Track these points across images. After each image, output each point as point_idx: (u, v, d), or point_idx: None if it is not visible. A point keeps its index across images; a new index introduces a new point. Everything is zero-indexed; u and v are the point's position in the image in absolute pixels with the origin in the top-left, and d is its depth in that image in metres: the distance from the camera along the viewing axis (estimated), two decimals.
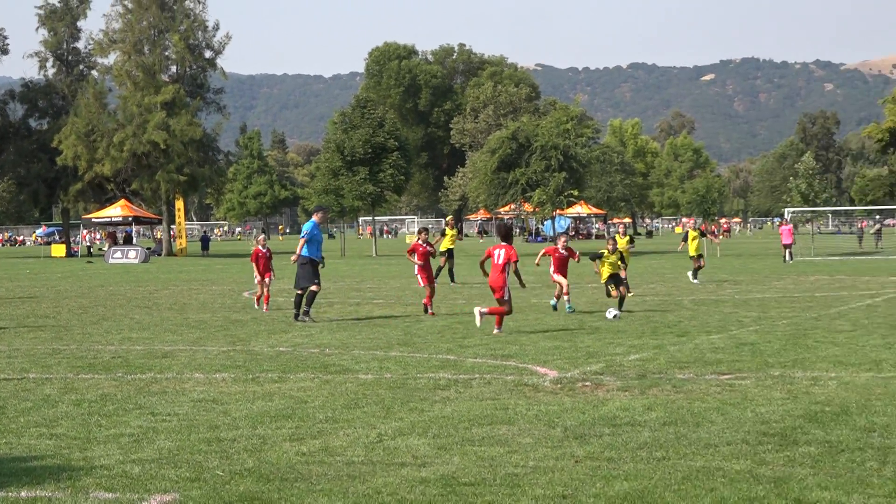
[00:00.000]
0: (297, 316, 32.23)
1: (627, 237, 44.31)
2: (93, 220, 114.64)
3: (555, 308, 33.40)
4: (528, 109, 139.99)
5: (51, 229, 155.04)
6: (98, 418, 16.31)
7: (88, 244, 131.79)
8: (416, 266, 35.06)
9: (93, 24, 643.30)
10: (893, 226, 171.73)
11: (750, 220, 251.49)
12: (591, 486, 11.70)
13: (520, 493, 11.49)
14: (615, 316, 30.61)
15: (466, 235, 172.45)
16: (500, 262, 27.75)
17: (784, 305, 35.56)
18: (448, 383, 19.30)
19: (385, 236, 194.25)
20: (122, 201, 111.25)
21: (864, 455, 13.05)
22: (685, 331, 27.77)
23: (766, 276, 54.28)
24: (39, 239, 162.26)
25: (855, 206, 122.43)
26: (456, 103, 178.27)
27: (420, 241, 35.34)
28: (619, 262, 34.49)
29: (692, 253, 49.99)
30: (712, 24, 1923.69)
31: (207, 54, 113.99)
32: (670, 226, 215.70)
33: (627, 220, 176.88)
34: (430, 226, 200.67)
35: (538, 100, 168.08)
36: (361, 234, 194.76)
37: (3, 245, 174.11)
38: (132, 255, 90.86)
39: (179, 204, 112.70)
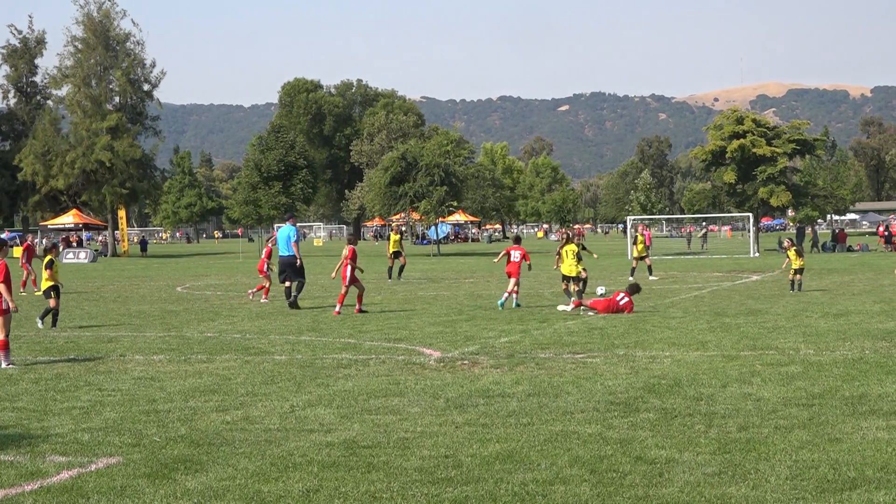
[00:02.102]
0: (294, 303, 32.43)
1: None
2: (49, 226, 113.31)
3: (501, 306, 30.76)
4: (415, 134, 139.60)
5: (13, 234, 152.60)
6: (53, 394, 16.10)
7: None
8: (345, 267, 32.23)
9: (48, 62, 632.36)
10: (716, 231, 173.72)
11: (599, 226, 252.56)
12: (469, 448, 11.71)
13: (409, 453, 11.48)
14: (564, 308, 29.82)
15: (364, 239, 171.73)
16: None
17: None
18: (349, 362, 19.26)
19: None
20: (74, 211, 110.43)
21: (693, 420, 13.18)
22: (546, 318, 27.89)
23: (612, 273, 54.63)
24: None
25: (684, 214, 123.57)
26: (355, 129, 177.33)
27: (352, 245, 32.12)
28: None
29: (640, 254, 48.12)
30: (567, 64, 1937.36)
31: (146, 87, 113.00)
32: (533, 230, 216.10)
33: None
34: (335, 230, 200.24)
35: (423, 126, 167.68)
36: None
37: None
38: (82, 256, 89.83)
39: (122, 213, 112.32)
